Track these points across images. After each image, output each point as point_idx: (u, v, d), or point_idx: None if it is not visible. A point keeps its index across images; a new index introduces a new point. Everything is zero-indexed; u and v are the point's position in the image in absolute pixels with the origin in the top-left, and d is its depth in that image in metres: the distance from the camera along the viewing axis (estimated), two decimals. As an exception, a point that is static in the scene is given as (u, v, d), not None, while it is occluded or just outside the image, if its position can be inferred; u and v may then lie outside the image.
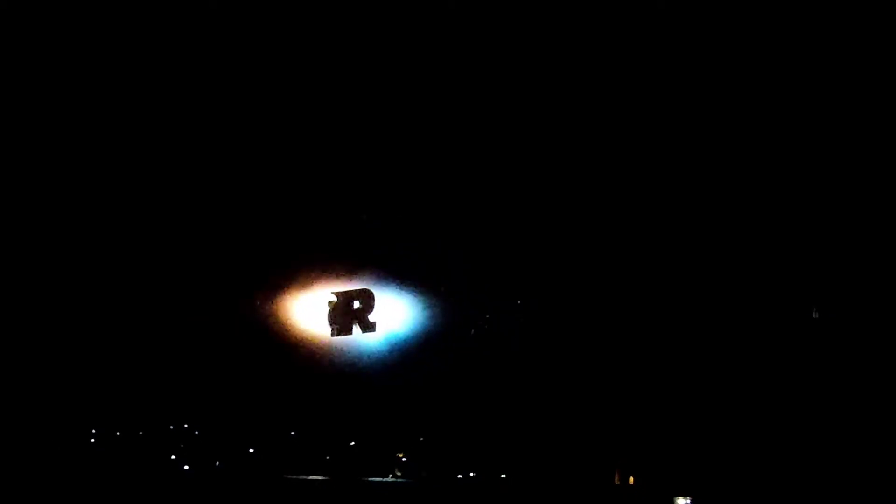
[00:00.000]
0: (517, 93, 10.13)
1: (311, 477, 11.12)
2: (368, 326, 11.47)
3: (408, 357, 12.05)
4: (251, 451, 11.77)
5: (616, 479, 10.64)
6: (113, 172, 12.03)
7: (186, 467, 11.36)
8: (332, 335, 11.55)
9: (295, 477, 11.10)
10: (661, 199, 10.91)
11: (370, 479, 11.09)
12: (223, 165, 12.05)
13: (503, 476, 11.17)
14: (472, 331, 11.68)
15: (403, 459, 11.91)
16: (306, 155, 11.92)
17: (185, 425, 12.19)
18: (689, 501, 8.64)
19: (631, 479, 10.52)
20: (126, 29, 10.50)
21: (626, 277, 11.62)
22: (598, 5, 6.42)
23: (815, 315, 8.87)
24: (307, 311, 11.98)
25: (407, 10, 9.89)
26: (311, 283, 12.00)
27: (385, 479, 11.11)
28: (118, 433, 11.72)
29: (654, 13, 6.33)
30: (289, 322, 12.29)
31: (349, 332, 11.52)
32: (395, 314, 11.66)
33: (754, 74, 7.81)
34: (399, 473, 11.56)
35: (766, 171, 9.40)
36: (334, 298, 11.61)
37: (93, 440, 11.57)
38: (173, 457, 11.37)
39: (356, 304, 11.52)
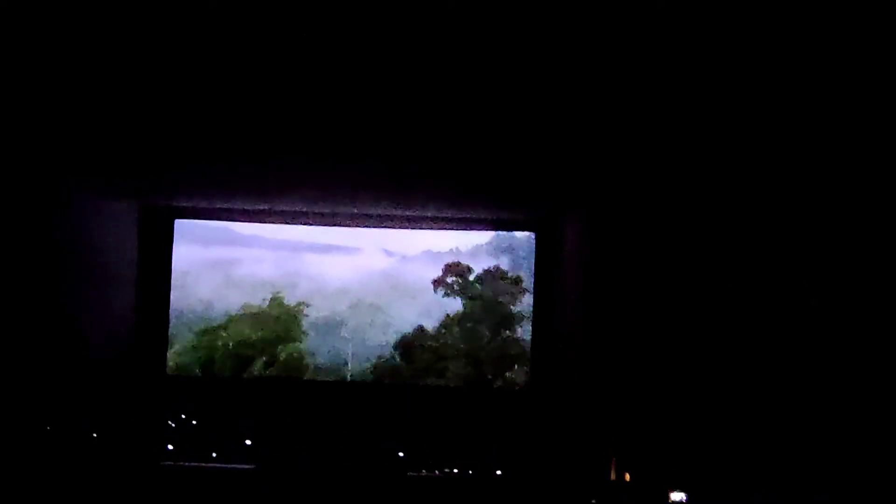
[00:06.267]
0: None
1: (306, 467, 11.12)
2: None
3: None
4: (248, 442, 11.81)
5: (612, 474, 10.65)
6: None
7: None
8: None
9: (289, 468, 11.10)
10: (652, 194, 10.94)
11: (366, 473, 11.08)
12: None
13: (499, 473, 11.16)
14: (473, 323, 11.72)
15: (400, 455, 11.94)
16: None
17: (183, 416, 12.24)
18: (683, 496, 8.63)
19: (627, 476, 10.52)
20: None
21: (623, 278, 11.65)
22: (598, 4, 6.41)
23: (811, 307, 8.85)
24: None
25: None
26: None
27: (382, 474, 11.10)
28: (114, 425, 11.73)
29: (654, 13, 6.35)
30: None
31: None
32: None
33: (754, 74, 7.83)
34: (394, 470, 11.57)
35: (764, 171, 9.42)
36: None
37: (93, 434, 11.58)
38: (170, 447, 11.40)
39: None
